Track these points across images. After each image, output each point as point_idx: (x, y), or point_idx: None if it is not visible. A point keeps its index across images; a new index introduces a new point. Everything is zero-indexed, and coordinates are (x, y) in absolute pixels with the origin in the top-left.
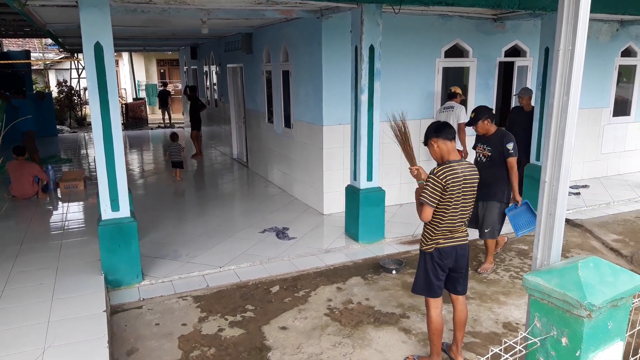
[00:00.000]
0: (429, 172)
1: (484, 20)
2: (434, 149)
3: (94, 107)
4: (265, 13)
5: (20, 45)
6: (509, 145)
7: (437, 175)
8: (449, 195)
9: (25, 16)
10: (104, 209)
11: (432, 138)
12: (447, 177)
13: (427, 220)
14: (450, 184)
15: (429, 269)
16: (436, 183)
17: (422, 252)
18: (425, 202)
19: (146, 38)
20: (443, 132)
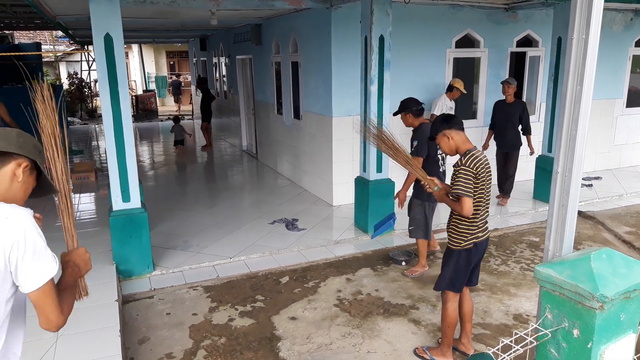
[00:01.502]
0: (454, 165)
1: (496, 10)
2: (447, 141)
3: (105, 99)
4: (275, 3)
5: (31, 38)
6: (414, 142)
7: (467, 165)
8: (481, 183)
9: (36, 8)
10: (115, 200)
11: (444, 130)
12: (477, 165)
13: (471, 212)
14: (480, 172)
15: (462, 266)
16: (468, 173)
17: (457, 250)
18: (463, 193)
19: (155, 30)
20: (453, 122)
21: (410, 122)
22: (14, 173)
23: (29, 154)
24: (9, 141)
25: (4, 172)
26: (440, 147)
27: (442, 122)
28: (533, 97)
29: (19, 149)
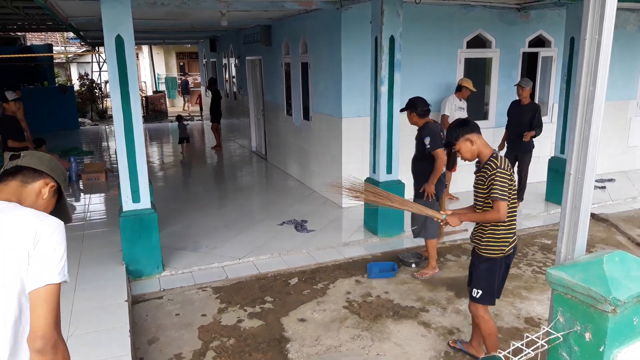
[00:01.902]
0: (482, 170)
1: (508, 10)
2: (469, 146)
3: (115, 100)
4: (285, 4)
5: (43, 39)
6: (426, 140)
7: (504, 168)
8: (513, 185)
9: (48, 10)
10: (125, 201)
11: (466, 134)
12: (510, 167)
13: (506, 216)
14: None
15: (499, 275)
16: (505, 176)
17: (499, 258)
18: (501, 198)
19: (166, 31)
20: (473, 125)
21: (414, 121)
22: (40, 190)
23: (56, 177)
24: (42, 162)
25: (32, 188)
26: (460, 152)
27: (462, 126)
28: (545, 98)
29: (49, 170)
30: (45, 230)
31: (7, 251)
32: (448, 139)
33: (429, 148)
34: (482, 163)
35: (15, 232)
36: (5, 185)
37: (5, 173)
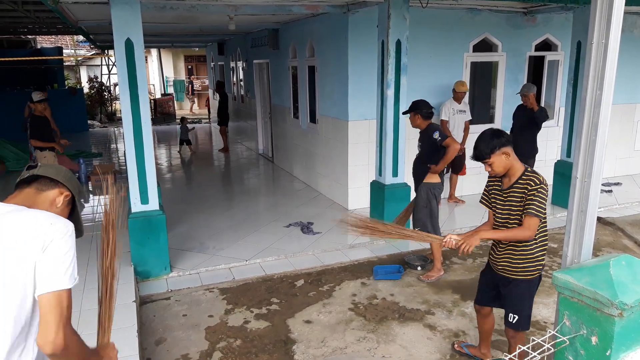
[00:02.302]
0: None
1: (514, 14)
2: (504, 160)
3: (125, 102)
4: (292, 8)
5: (53, 42)
6: (435, 134)
7: (545, 184)
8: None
9: (59, 13)
10: (134, 202)
11: (503, 147)
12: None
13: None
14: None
15: (534, 295)
16: (546, 192)
17: (532, 279)
18: (538, 215)
19: (174, 34)
20: (508, 136)
21: (418, 123)
22: (54, 199)
23: (71, 188)
24: (58, 172)
25: (47, 195)
26: (492, 167)
27: (498, 137)
28: (552, 101)
29: (65, 181)
30: (56, 235)
31: (10, 251)
32: (480, 151)
33: (440, 140)
34: (516, 177)
35: (22, 232)
36: (20, 192)
37: (21, 181)
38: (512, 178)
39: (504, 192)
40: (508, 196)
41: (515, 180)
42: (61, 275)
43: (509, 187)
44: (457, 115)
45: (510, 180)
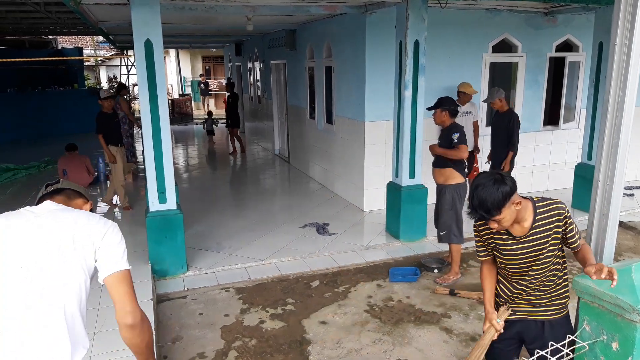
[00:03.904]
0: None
1: (534, 14)
2: (514, 211)
3: (144, 102)
4: (310, 9)
5: (74, 43)
6: (454, 135)
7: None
8: None
9: (80, 14)
10: (152, 201)
11: (512, 196)
12: None
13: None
14: None
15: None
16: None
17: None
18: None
19: (192, 35)
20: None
21: (443, 119)
22: (81, 207)
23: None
24: (79, 188)
25: (76, 203)
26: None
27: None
28: (572, 103)
29: (86, 195)
30: (109, 228)
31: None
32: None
33: (456, 142)
34: (532, 218)
35: (79, 226)
36: (52, 198)
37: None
38: (526, 222)
39: (523, 239)
40: (530, 242)
41: (533, 221)
42: (120, 259)
43: (528, 233)
44: (463, 117)
45: (525, 225)
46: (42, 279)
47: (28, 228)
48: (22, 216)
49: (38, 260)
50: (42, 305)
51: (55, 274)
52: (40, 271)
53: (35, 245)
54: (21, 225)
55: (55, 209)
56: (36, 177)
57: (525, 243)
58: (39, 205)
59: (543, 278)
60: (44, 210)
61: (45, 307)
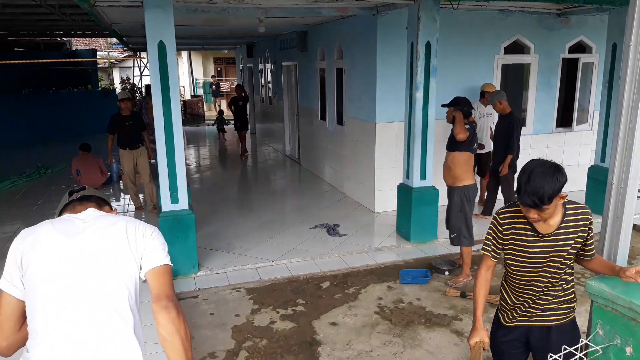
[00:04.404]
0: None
1: (547, 15)
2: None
3: (157, 103)
4: (321, 11)
5: (87, 44)
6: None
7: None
8: None
9: (94, 16)
10: (164, 202)
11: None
12: None
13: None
14: None
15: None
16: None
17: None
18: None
19: (205, 37)
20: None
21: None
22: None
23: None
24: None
25: (105, 209)
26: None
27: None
28: (586, 104)
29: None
30: (154, 230)
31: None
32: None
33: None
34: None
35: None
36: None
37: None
38: (554, 220)
39: (547, 237)
40: (553, 241)
41: (561, 221)
42: (164, 256)
43: (554, 232)
44: (484, 118)
45: (551, 223)
46: (101, 281)
47: (80, 233)
48: (71, 222)
49: (96, 263)
50: (104, 305)
51: (113, 275)
52: (99, 273)
53: (91, 249)
54: (72, 231)
55: (101, 214)
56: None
57: (548, 242)
58: (82, 212)
59: (554, 282)
60: (91, 217)
61: (107, 307)
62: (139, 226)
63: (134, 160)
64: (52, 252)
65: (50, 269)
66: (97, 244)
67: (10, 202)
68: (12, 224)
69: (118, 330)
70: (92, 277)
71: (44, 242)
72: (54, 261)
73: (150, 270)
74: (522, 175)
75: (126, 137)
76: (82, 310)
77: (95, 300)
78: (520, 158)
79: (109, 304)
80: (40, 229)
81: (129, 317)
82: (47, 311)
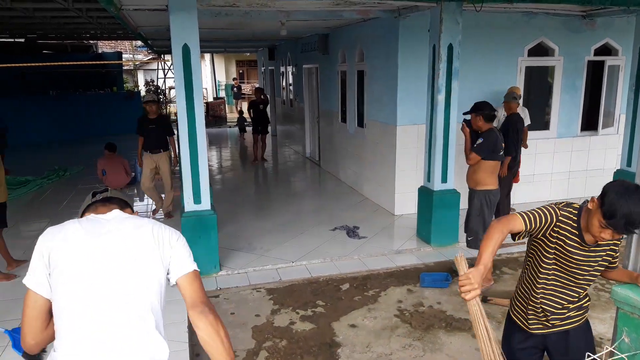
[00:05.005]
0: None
1: (572, 17)
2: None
3: (181, 105)
4: (343, 14)
5: (113, 47)
6: (479, 140)
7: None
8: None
9: (121, 20)
10: (187, 202)
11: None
12: None
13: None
14: None
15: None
16: None
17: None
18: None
19: (227, 40)
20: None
21: (479, 124)
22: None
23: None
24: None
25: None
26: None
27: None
28: (612, 108)
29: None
30: (178, 235)
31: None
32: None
33: (474, 148)
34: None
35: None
36: (106, 207)
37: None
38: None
39: (590, 248)
40: (595, 251)
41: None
42: (190, 262)
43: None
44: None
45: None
46: (123, 281)
47: (106, 233)
48: (97, 222)
49: (119, 264)
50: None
51: (135, 276)
52: (121, 274)
53: (115, 250)
54: (98, 231)
55: (127, 216)
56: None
57: (591, 252)
58: (108, 213)
59: (582, 291)
60: (117, 218)
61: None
62: (165, 230)
63: (154, 165)
64: (79, 251)
65: (75, 268)
66: (122, 245)
67: (38, 200)
68: (40, 221)
69: (137, 331)
70: (115, 277)
71: (71, 240)
72: (79, 260)
73: (180, 277)
74: (613, 197)
75: (149, 141)
76: (103, 310)
77: (116, 301)
78: (546, 162)
79: (128, 304)
80: (67, 227)
81: (149, 318)
82: (72, 310)
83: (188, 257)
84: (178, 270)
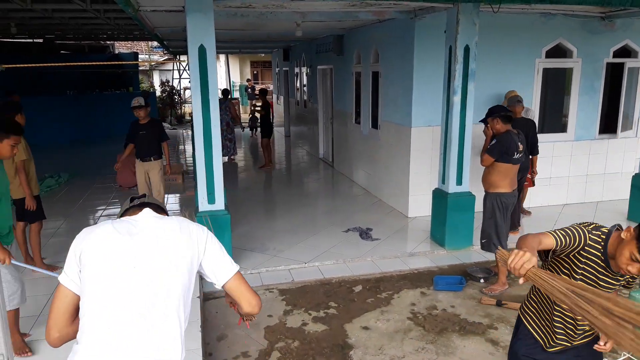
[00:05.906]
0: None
1: (591, 19)
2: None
3: (196, 106)
4: (359, 15)
5: (129, 48)
6: (493, 141)
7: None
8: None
9: (138, 21)
10: (201, 201)
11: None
12: None
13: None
14: None
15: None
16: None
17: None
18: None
19: (242, 41)
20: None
21: (498, 127)
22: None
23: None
24: (164, 207)
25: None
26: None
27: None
28: (630, 111)
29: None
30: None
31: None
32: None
33: (487, 149)
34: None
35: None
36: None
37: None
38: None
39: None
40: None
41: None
42: (230, 264)
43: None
44: None
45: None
46: (151, 281)
47: (137, 233)
48: (128, 223)
49: (149, 264)
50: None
51: (163, 276)
52: (150, 274)
53: (145, 249)
54: (130, 231)
55: (157, 216)
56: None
57: (615, 280)
58: (138, 214)
59: None
60: (147, 218)
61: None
62: (193, 227)
63: (145, 173)
64: (109, 251)
65: (105, 267)
66: (151, 245)
67: (55, 198)
68: (56, 219)
69: (161, 330)
70: (144, 277)
71: (103, 240)
72: (110, 260)
73: (226, 282)
74: None
75: (139, 147)
76: (129, 308)
77: (143, 301)
78: (563, 165)
79: (154, 305)
80: (101, 228)
81: (174, 318)
82: (98, 307)
83: (227, 260)
84: (221, 276)
